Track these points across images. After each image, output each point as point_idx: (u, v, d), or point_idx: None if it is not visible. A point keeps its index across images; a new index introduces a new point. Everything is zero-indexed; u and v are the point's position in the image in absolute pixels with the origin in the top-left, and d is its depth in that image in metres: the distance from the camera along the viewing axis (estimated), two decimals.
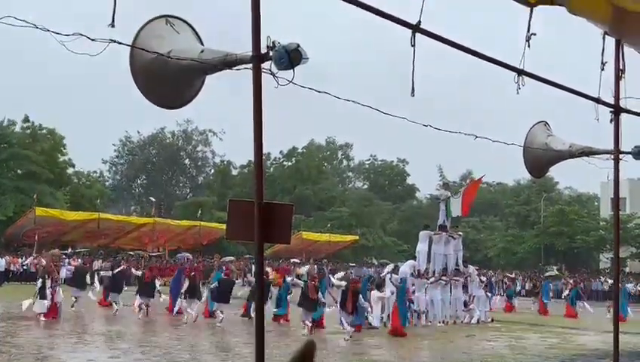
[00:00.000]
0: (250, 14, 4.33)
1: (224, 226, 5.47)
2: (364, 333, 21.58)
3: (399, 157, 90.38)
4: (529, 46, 6.09)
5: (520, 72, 6.09)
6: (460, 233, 28.87)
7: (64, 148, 61.99)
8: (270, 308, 21.87)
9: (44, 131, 60.19)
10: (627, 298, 32.86)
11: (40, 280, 22.08)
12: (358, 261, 63.84)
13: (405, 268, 26.12)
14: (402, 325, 21.74)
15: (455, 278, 26.36)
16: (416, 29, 5.07)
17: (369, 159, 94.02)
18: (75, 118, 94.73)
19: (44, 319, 21.10)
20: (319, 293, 21.41)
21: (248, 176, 76.79)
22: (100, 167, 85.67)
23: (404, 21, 5.08)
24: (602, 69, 7.13)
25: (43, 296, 21.42)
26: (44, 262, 24.53)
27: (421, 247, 26.46)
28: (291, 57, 4.22)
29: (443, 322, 25.26)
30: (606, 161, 7.75)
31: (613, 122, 7.38)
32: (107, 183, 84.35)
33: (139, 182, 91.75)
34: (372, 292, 23.58)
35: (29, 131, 60.06)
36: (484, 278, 29.90)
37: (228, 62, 4.52)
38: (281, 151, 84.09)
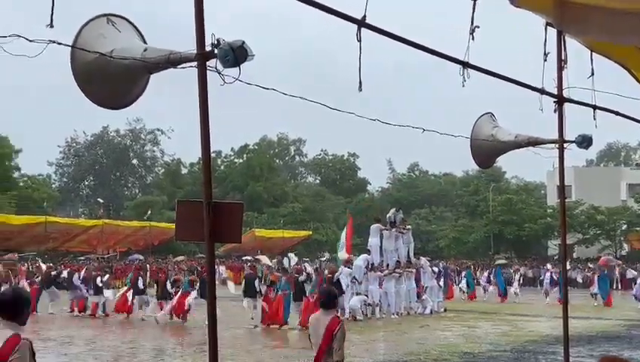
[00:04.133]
0: (194, 11, 4.27)
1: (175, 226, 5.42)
2: None
3: (350, 151, 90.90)
4: (473, 38, 6.13)
5: (465, 65, 6.13)
6: (409, 226, 29.08)
7: (16, 155, 61.42)
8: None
9: None
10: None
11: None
12: (311, 256, 63.95)
13: (359, 261, 26.27)
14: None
15: (407, 270, 26.59)
16: (361, 24, 5.06)
17: (320, 154, 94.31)
18: (19, 120, 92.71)
19: None
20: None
21: (198, 174, 76.14)
22: (45, 170, 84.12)
23: (349, 16, 5.06)
24: (545, 60, 7.23)
25: None
26: None
27: (373, 241, 26.62)
28: (237, 55, 4.16)
29: (397, 314, 25.46)
30: (551, 151, 7.87)
31: (557, 112, 7.50)
32: (54, 186, 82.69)
33: (86, 183, 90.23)
34: None
35: None
36: (436, 269, 30.22)
37: (172, 61, 4.44)
38: (232, 149, 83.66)
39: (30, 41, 3.96)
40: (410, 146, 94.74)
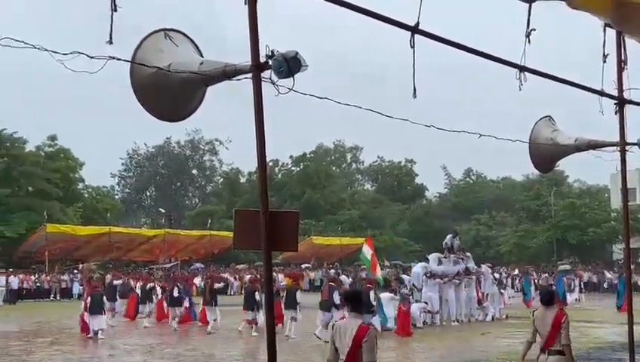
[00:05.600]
0: (248, 24, 4.34)
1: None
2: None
3: (407, 157, 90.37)
4: (529, 42, 6.06)
5: (522, 69, 6.07)
6: (469, 254, 28.22)
7: (80, 168, 63.28)
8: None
9: (61, 155, 61.12)
10: None
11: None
12: None
13: (418, 269, 26.06)
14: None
15: (467, 277, 26.23)
16: (415, 30, 5.06)
17: (376, 161, 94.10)
18: (81, 133, 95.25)
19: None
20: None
21: (256, 183, 76.66)
22: (109, 181, 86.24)
23: (402, 23, 5.08)
24: (604, 62, 7.10)
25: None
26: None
27: (431, 264, 26.19)
28: (290, 65, 4.21)
29: (457, 321, 25.16)
30: (613, 153, 7.70)
31: (617, 114, 7.34)
32: (117, 197, 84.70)
33: (148, 194, 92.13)
34: (383, 293, 23.43)
35: (52, 150, 60.94)
36: (497, 275, 29.70)
37: (227, 73, 4.52)
38: (291, 156, 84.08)
39: (91, 57, 4.08)
40: (466, 150, 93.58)
